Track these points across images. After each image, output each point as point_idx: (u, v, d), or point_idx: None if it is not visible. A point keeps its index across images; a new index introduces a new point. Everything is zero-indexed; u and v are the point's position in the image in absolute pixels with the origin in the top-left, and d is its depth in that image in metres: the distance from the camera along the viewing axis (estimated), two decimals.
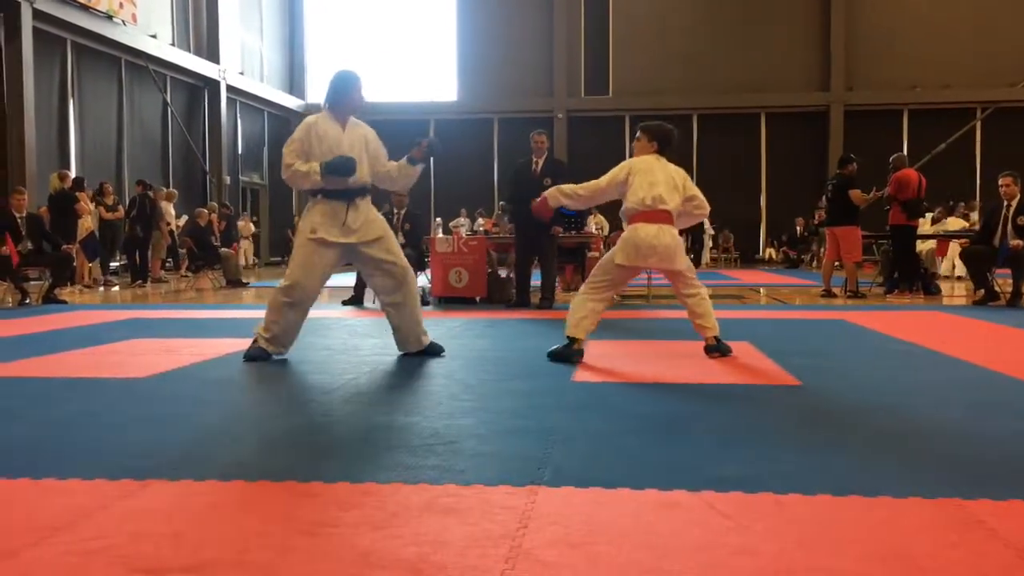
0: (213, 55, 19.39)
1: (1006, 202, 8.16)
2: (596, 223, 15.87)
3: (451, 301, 8.58)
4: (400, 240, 8.82)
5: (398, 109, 22.70)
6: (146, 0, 16.80)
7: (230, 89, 20.05)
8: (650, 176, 4.49)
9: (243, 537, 1.88)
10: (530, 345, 5.18)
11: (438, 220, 19.99)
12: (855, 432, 2.90)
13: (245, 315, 7.35)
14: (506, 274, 9.41)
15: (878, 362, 4.58)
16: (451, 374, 4.13)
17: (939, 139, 21.36)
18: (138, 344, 5.43)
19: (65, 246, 9.30)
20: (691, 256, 20.84)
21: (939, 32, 21.82)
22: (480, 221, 15.70)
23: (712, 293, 10.56)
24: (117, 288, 12.19)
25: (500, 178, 22.70)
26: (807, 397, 3.54)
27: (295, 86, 24.18)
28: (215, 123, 19.60)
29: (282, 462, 2.53)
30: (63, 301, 8.84)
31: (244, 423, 3.19)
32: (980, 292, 8.32)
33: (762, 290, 11.35)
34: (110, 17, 15.35)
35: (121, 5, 15.62)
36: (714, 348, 4.58)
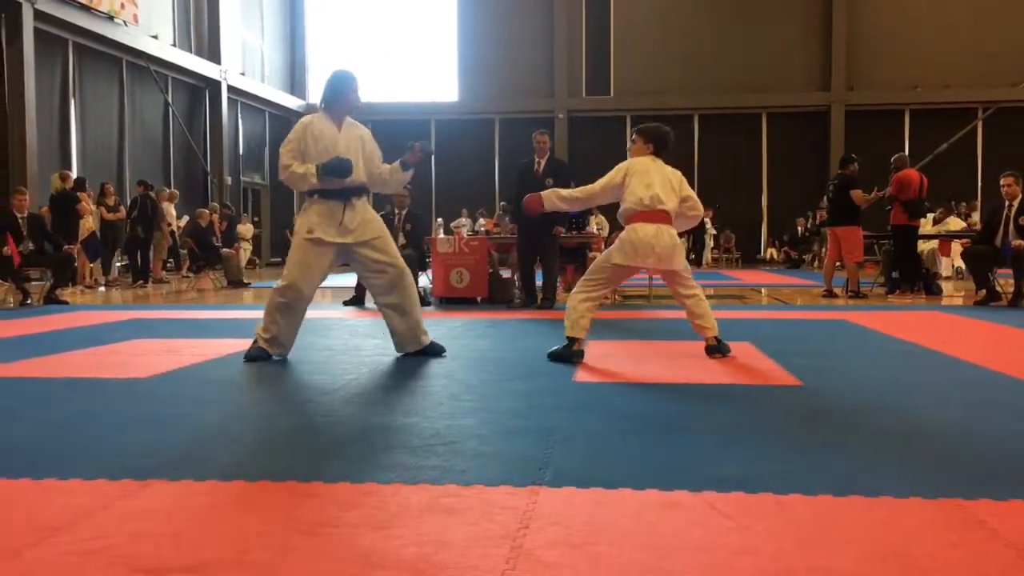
0: (214, 55, 19.40)
1: (1007, 202, 8.15)
2: (597, 223, 15.89)
3: (452, 301, 8.58)
4: (401, 241, 8.88)
5: (399, 109, 22.71)
6: (147, 1, 16.81)
7: (231, 89, 20.07)
8: (647, 177, 4.50)
9: (243, 537, 1.88)
10: (531, 345, 5.19)
11: (439, 220, 19.99)
12: (856, 432, 2.90)
13: (246, 315, 7.35)
14: (509, 274, 9.42)
15: (879, 362, 4.58)
16: (452, 374, 4.13)
17: (940, 139, 21.34)
18: (139, 344, 5.43)
19: (66, 246, 9.31)
20: (692, 256, 20.96)
21: (940, 32, 21.81)
22: (481, 221, 15.70)
23: (713, 293, 10.72)
24: (119, 288, 12.20)
25: (501, 178, 22.70)
26: (808, 397, 3.53)
27: (296, 86, 24.19)
28: (216, 123, 19.61)
29: (282, 462, 2.54)
30: (64, 301, 8.84)
31: (245, 423, 3.19)
32: (981, 292, 8.32)
33: (763, 290, 11.34)
34: (111, 18, 15.36)
35: (122, 6, 15.63)
36: (715, 348, 4.59)
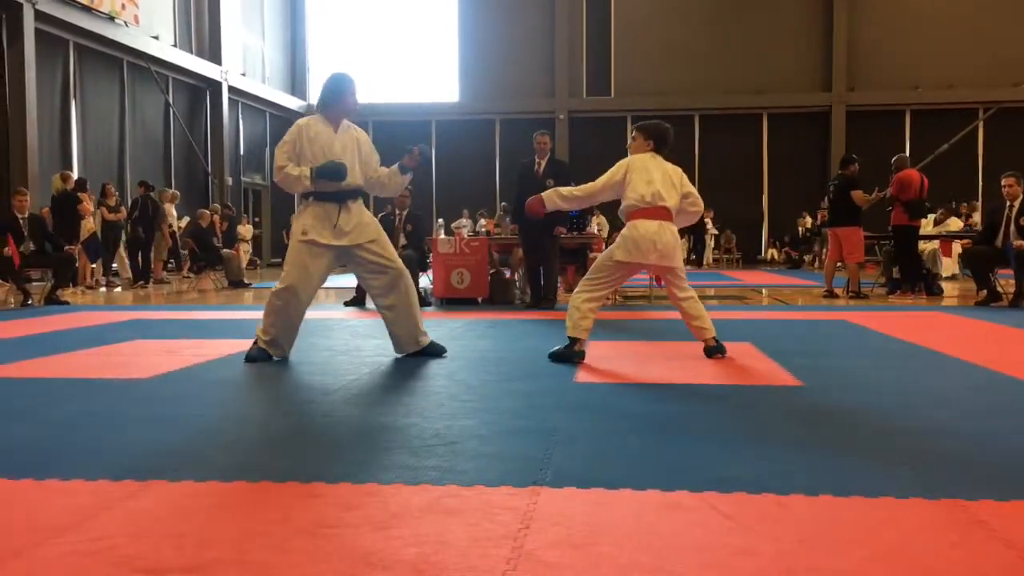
0: (215, 56, 19.41)
1: (1009, 202, 8.15)
2: (598, 223, 15.88)
3: (453, 302, 8.58)
4: (402, 241, 8.88)
5: (400, 110, 22.72)
6: (148, 1, 16.82)
7: (232, 90, 20.07)
8: (648, 174, 4.51)
9: (244, 537, 1.88)
10: (531, 346, 5.19)
11: (440, 221, 19.99)
12: (857, 433, 2.90)
13: (247, 316, 7.35)
14: (509, 274, 9.42)
15: (880, 363, 4.58)
16: (452, 375, 4.13)
17: (941, 139, 21.34)
18: (140, 345, 5.44)
19: (67, 247, 9.32)
20: (693, 257, 20.97)
21: (941, 32, 21.80)
22: (482, 222, 15.70)
23: (714, 294, 10.71)
24: (119, 289, 12.20)
25: (502, 179, 22.70)
26: (809, 398, 3.53)
27: (297, 87, 24.19)
28: (217, 124, 19.62)
29: (284, 463, 2.54)
30: (65, 302, 8.85)
31: (246, 424, 3.19)
32: (982, 293, 8.31)
33: (764, 291, 11.33)
34: (112, 18, 15.37)
35: (123, 6, 15.64)
36: (715, 349, 4.59)
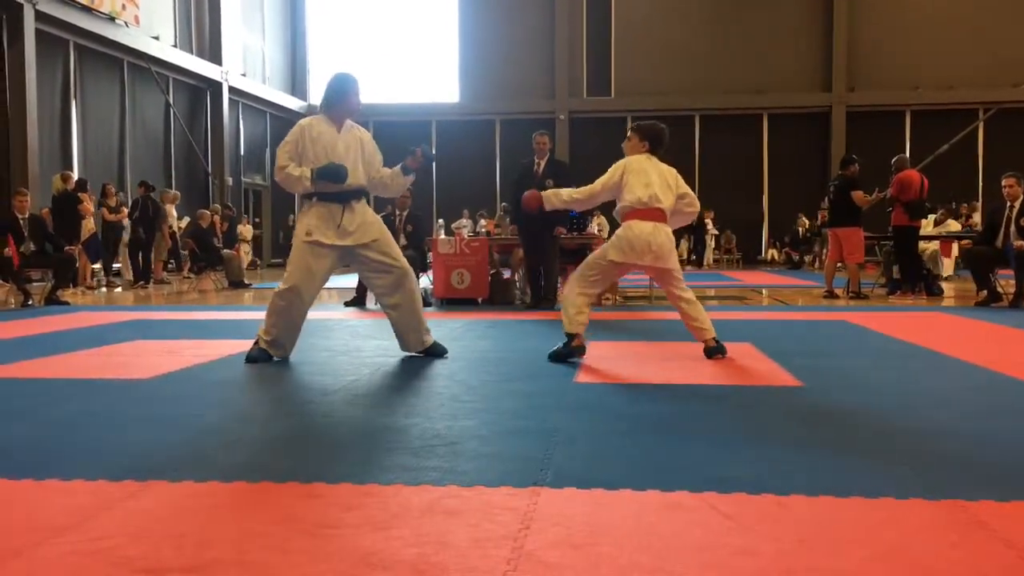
0: (215, 57, 19.41)
1: (1009, 203, 8.14)
2: (598, 224, 15.89)
3: (453, 302, 8.58)
4: (402, 242, 8.88)
5: (400, 110, 22.73)
6: (148, 2, 16.82)
7: (232, 90, 20.07)
8: (644, 176, 4.52)
9: (245, 538, 1.88)
10: (532, 346, 5.19)
11: (440, 221, 20.02)
12: (857, 433, 2.90)
13: (247, 316, 7.35)
14: (509, 275, 9.42)
15: (880, 363, 4.57)
16: (453, 375, 4.13)
17: (942, 140, 21.34)
18: (141, 345, 5.44)
19: (67, 247, 9.32)
20: (693, 257, 20.96)
21: (942, 32, 21.80)
22: (482, 222, 15.71)
23: (714, 294, 10.71)
24: (119, 289, 12.21)
25: (502, 179, 22.69)
26: (809, 398, 3.53)
27: (297, 87, 24.20)
28: (217, 124, 19.62)
29: (284, 463, 2.54)
30: (65, 302, 8.85)
31: (246, 424, 3.19)
32: (983, 293, 8.31)
33: (764, 291, 11.33)
34: (112, 19, 15.37)
35: (123, 7, 15.64)
36: (715, 350, 4.59)
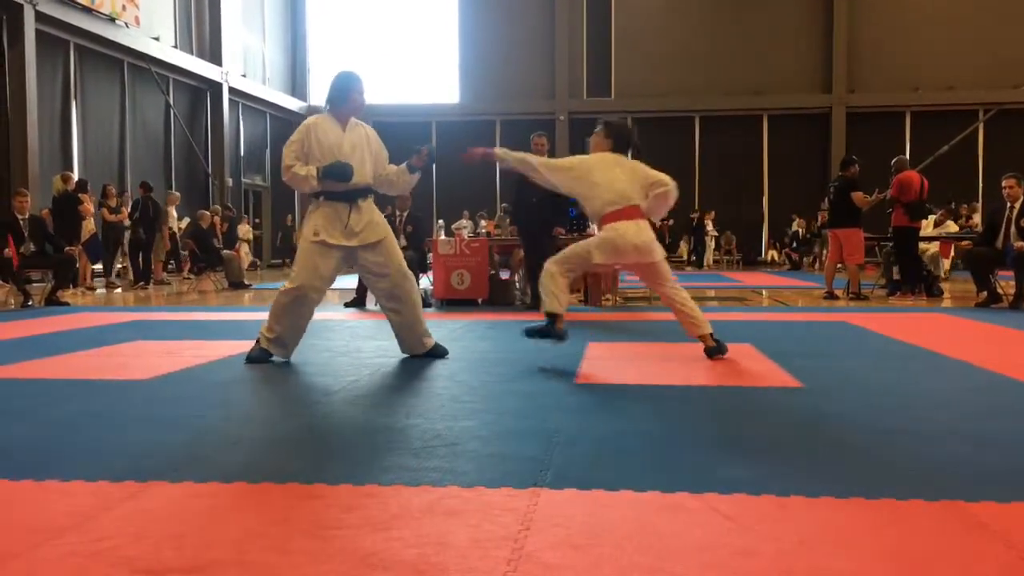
0: (215, 57, 19.42)
1: (1009, 204, 8.14)
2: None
3: (453, 303, 8.58)
4: (402, 242, 8.88)
5: (400, 111, 22.73)
6: (149, 2, 16.83)
7: (232, 91, 20.08)
8: (609, 173, 4.49)
9: (245, 538, 1.88)
10: (531, 347, 5.17)
11: (440, 222, 20.02)
12: (857, 434, 2.90)
13: (248, 317, 7.35)
14: (508, 275, 9.42)
15: (880, 364, 4.57)
16: (453, 376, 4.13)
17: (942, 141, 21.34)
18: (140, 346, 5.44)
19: (67, 248, 9.31)
20: (693, 258, 20.95)
21: (942, 34, 21.80)
22: (482, 223, 15.71)
23: (714, 295, 10.70)
24: (119, 290, 12.21)
25: (502, 180, 22.68)
26: (809, 399, 3.53)
27: (297, 88, 24.21)
28: (217, 125, 19.63)
29: (284, 464, 2.54)
30: (65, 303, 8.85)
31: (246, 425, 3.19)
32: (983, 294, 8.31)
33: (764, 292, 11.33)
34: (113, 19, 15.38)
35: (124, 7, 15.65)
36: (715, 350, 4.56)
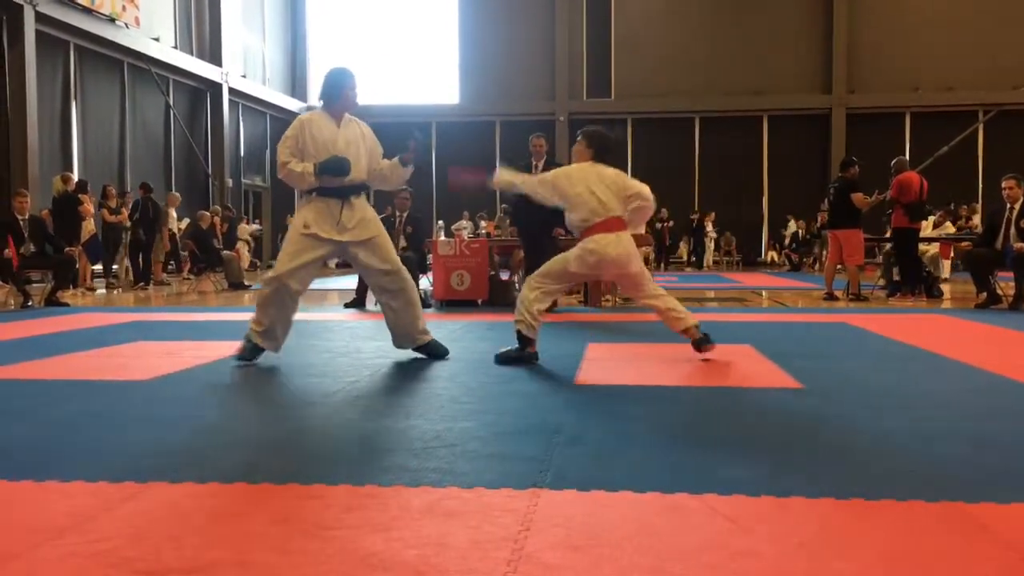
0: (215, 58, 19.42)
1: (1009, 205, 8.14)
2: None
3: (453, 304, 8.57)
4: (402, 243, 8.88)
5: (400, 111, 22.70)
6: (149, 3, 16.83)
7: (232, 92, 20.08)
8: (590, 184, 4.43)
9: (245, 539, 1.88)
10: None
11: (440, 223, 20.02)
12: (857, 435, 2.90)
13: (247, 318, 7.32)
14: (508, 276, 9.42)
15: (880, 365, 4.57)
16: (453, 376, 4.13)
17: (941, 142, 21.35)
18: (140, 346, 5.43)
19: (67, 249, 9.31)
20: (693, 259, 20.94)
21: (941, 34, 21.81)
22: (482, 224, 15.72)
23: (714, 296, 10.69)
24: (119, 291, 12.20)
25: None
26: (809, 400, 3.53)
27: (297, 88, 24.21)
28: (217, 125, 19.63)
29: (284, 464, 2.53)
30: (65, 304, 8.85)
31: (246, 425, 3.19)
32: (982, 295, 8.30)
33: (764, 293, 11.33)
34: (113, 20, 15.38)
35: (124, 8, 15.65)
36: (703, 341, 4.49)
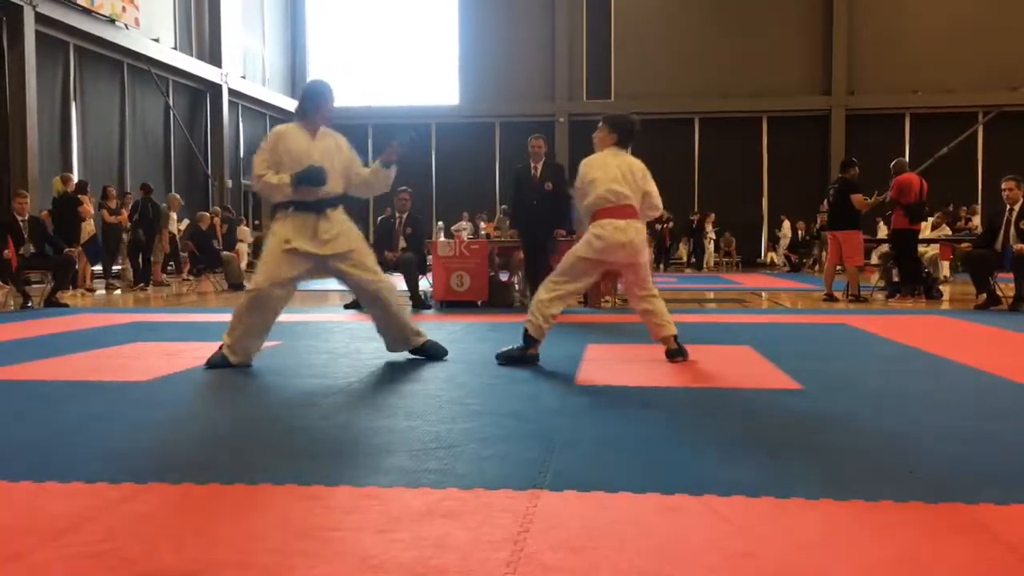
0: (215, 59, 19.42)
1: (1008, 206, 8.15)
2: None
3: (452, 305, 8.58)
4: (402, 244, 8.88)
5: (400, 112, 22.75)
6: (149, 4, 16.83)
7: (232, 93, 20.09)
8: (608, 171, 4.47)
9: (244, 540, 1.88)
10: None
11: (440, 224, 20.02)
12: (856, 436, 2.90)
13: None
14: (507, 277, 9.42)
15: (880, 366, 4.57)
16: (452, 378, 4.13)
17: (941, 143, 21.36)
18: (140, 347, 5.43)
19: (67, 249, 9.31)
20: (693, 260, 20.94)
21: (941, 36, 21.83)
22: (482, 225, 15.72)
23: (713, 297, 10.70)
24: (119, 291, 12.20)
25: (502, 182, 22.70)
26: (809, 401, 3.53)
27: (297, 89, 24.16)
28: (217, 126, 19.63)
29: (284, 465, 2.53)
30: (65, 304, 8.84)
31: (246, 426, 3.19)
32: (982, 296, 8.30)
33: (764, 294, 11.33)
34: (112, 21, 15.38)
35: (124, 9, 15.65)
36: (677, 352, 4.50)
